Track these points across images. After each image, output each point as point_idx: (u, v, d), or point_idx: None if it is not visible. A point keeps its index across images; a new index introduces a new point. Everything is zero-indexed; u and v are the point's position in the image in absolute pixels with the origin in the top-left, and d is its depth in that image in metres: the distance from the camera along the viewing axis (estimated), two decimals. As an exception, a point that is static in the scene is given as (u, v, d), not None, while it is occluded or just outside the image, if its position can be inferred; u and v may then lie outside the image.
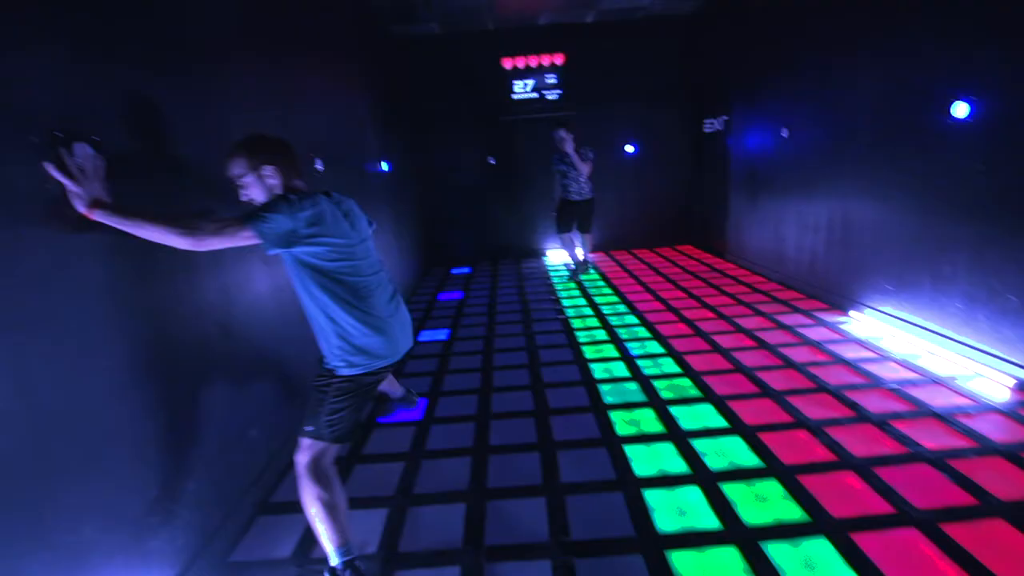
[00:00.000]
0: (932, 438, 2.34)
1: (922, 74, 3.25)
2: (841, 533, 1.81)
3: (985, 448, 2.24)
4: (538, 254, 7.62)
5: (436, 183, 7.33)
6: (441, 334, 4.34)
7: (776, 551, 1.77)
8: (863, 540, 1.78)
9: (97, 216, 1.38)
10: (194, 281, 1.97)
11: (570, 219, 5.71)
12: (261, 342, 2.46)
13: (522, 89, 6.95)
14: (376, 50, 5.44)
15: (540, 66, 6.90)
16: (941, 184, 3.16)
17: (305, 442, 1.67)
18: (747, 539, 1.83)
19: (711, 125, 6.62)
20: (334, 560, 1.64)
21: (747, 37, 5.56)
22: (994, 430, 2.37)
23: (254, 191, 1.64)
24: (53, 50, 1.40)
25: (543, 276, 6.31)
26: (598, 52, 6.89)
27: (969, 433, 2.36)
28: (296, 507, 1.86)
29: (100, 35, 1.58)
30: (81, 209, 1.37)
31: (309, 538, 2.00)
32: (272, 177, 1.63)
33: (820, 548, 1.76)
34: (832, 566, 1.69)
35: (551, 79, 6.93)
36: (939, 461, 2.17)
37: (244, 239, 1.48)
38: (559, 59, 6.87)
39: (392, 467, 2.46)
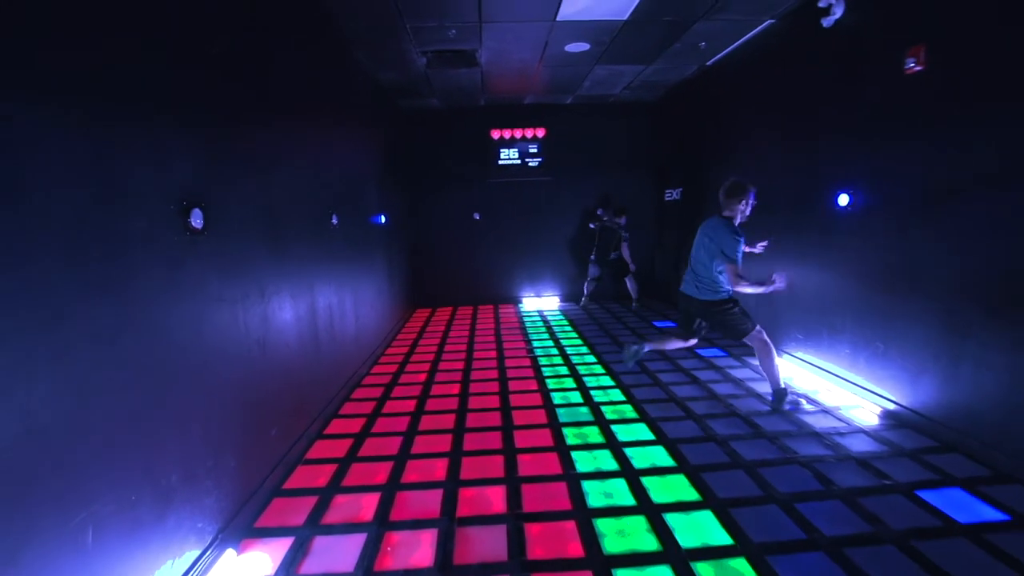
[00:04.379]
0: (808, 449, 3.02)
1: (818, 168, 4.14)
2: (724, 510, 2.45)
3: (843, 456, 2.92)
4: (515, 301, 8.35)
5: (426, 234, 8.11)
6: (423, 367, 4.95)
7: (672, 519, 2.39)
8: (737, 513, 2.41)
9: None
10: (247, 306, 2.62)
11: None
12: (285, 358, 3.07)
13: (507, 156, 7.89)
14: (382, 120, 6.31)
15: (524, 137, 7.87)
16: (833, 256, 3.98)
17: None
18: (654, 511, 2.46)
19: (670, 195, 7.56)
20: (780, 385, 3.59)
21: (697, 123, 6.57)
22: (855, 444, 3.06)
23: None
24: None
25: (518, 320, 7.00)
26: (576, 128, 7.91)
27: (836, 447, 3.04)
28: (305, 492, 2.77)
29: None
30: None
31: (316, 513, 2.57)
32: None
33: (706, 520, 2.39)
34: (716, 534, 2.31)
35: (533, 148, 7.89)
36: (808, 464, 2.84)
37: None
38: (541, 132, 7.86)
39: (369, 497, 2.73)
